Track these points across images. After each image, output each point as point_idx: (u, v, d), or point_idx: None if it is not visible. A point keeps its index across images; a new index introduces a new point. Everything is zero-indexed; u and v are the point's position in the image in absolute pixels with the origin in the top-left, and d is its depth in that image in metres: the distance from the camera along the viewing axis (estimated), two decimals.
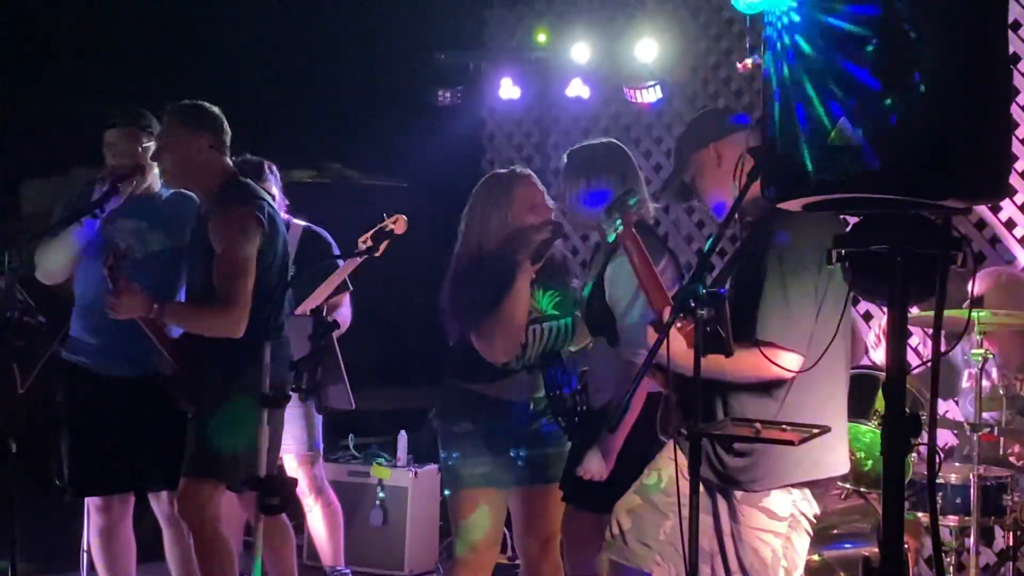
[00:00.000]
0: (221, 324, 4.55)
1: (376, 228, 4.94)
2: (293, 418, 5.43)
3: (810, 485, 3.59)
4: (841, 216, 3.35)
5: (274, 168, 5.70)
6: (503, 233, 4.39)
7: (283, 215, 5.64)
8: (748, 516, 3.56)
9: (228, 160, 4.84)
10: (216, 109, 4.85)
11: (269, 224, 4.69)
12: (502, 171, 4.60)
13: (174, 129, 4.79)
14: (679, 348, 3.28)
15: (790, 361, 3.43)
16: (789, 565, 3.58)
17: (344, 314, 5.59)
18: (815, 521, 3.64)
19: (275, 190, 5.60)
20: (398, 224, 4.95)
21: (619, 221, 3.73)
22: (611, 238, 3.78)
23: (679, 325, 3.30)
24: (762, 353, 3.35)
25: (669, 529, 3.67)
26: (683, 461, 3.32)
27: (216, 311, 4.56)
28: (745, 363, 3.38)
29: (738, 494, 3.57)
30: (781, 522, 3.55)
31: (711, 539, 3.60)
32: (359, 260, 5.16)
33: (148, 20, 9.59)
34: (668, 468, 3.71)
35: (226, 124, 4.84)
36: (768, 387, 3.51)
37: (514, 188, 4.45)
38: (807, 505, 3.60)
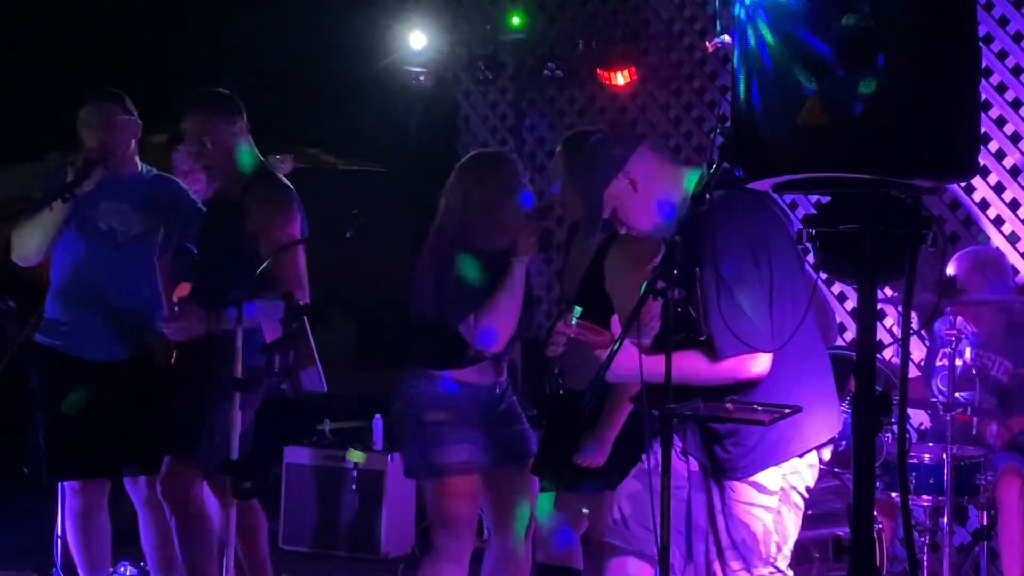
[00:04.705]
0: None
1: None
2: None
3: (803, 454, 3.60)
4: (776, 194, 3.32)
5: None
6: (484, 214, 4.35)
7: None
8: (738, 491, 3.57)
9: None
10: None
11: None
12: (488, 150, 4.56)
13: (210, 117, 4.76)
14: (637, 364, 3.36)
15: (760, 364, 3.44)
16: (780, 539, 3.58)
17: None
18: (807, 495, 3.65)
19: None
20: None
21: (556, 339, 3.80)
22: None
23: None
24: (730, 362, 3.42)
25: (656, 509, 3.67)
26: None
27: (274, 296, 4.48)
28: (716, 374, 3.44)
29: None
30: (771, 496, 3.56)
31: (706, 517, 3.62)
32: None
33: (122, 6, 9.54)
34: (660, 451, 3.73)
35: None
36: None
37: (498, 169, 4.41)
38: (798, 478, 3.60)
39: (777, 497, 3.57)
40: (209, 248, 4.84)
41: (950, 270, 5.41)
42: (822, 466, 4.84)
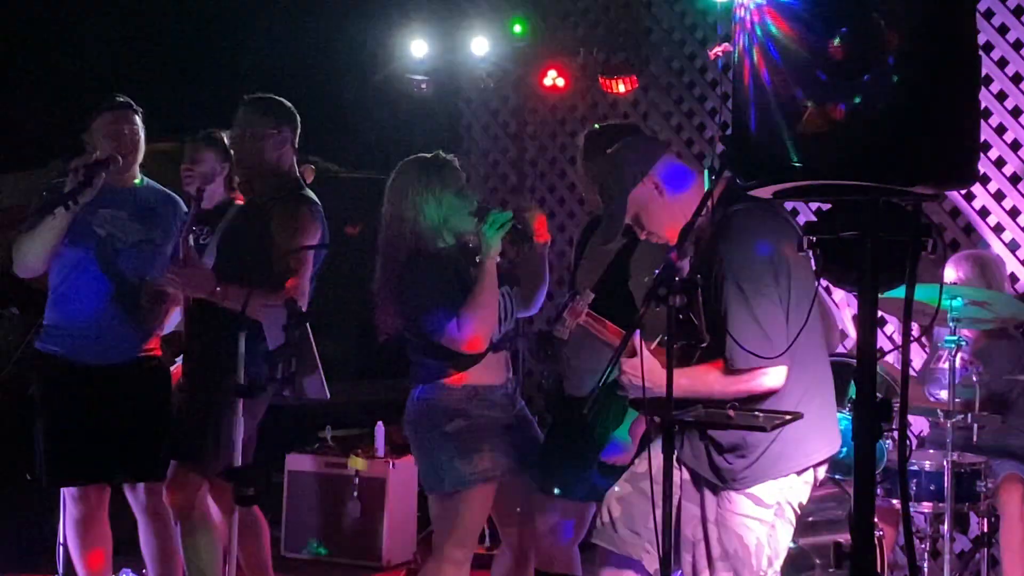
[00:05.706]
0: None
1: None
2: None
3: (802, 472, 3.62)
4: (810, 204, 3.36)
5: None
6: (437, 219, 4.30)
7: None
8: (735, 502, 3.58)
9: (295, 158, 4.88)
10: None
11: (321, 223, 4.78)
12: (427, 155, 4.47)
13: (256, 119, 4.82)
14: (656, 370, 3.36)
15: (776, 376, 3.46)
16: (772, 553, 3.59)
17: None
18: (799, 511, 3.66)
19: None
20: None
21: (566, 322, 3.89)
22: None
23: (652, 347, 3.42)
24: (748, 374, 3.45)
25: (659, 517, 3.67)
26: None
27: (279, 299, 4.48)
28: (733, 388, 3.46)
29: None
30: (767, 509, 3.57)
31: (695, 527, 3.61)
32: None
33: (125, 15, 9.56)
34: (658, 458, 3.73)
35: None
36: None
37: (444, 172, 4.35)
38: (793, 493, 3.61)
39: (773, 511, 3.58)
40: (227, 251, 4.86)
41: (950, 273, 5.42)
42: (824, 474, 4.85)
